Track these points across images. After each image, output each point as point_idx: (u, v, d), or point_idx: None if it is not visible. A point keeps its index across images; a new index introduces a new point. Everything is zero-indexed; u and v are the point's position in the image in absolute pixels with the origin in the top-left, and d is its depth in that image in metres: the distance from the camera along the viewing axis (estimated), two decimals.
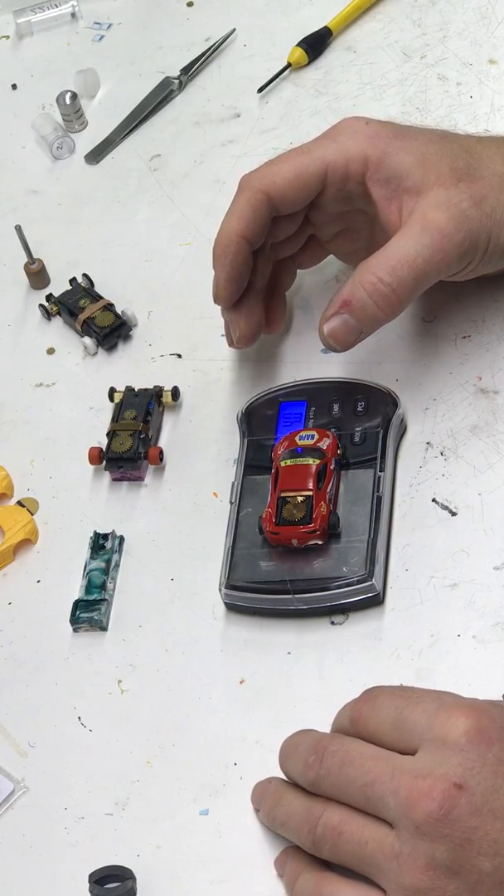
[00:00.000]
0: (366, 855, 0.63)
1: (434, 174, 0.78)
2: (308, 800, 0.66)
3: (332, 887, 0.64)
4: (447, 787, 0.60)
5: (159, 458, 0.84)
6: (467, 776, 0.60)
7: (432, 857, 0.60)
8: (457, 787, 0.60)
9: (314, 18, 1.05)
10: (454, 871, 0.60)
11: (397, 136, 0.80)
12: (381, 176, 0.79)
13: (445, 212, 0.77)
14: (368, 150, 0.79)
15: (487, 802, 0.60)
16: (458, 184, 0.77)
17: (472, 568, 0.76)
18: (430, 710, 0.63)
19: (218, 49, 1.06)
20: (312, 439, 0.79)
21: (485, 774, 0.60)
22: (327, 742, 0.66)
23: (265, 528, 0.77)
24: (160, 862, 0.70)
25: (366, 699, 0.67)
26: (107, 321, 0.91)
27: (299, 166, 0.80)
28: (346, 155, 0.80)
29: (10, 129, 1.07)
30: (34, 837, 0.73)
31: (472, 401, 0.82)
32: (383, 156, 0.79)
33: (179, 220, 0.97)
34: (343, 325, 0.78)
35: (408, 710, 0.64)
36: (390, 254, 0.77)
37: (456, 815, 0.60)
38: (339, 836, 0.64)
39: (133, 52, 1.09)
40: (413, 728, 0.63)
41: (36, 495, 0.86)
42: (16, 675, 0.79)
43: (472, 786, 0.60)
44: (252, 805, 0.71)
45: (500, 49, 1.00)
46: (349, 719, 0.67)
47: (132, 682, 0.77)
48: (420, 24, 1.04)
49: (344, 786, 0.64)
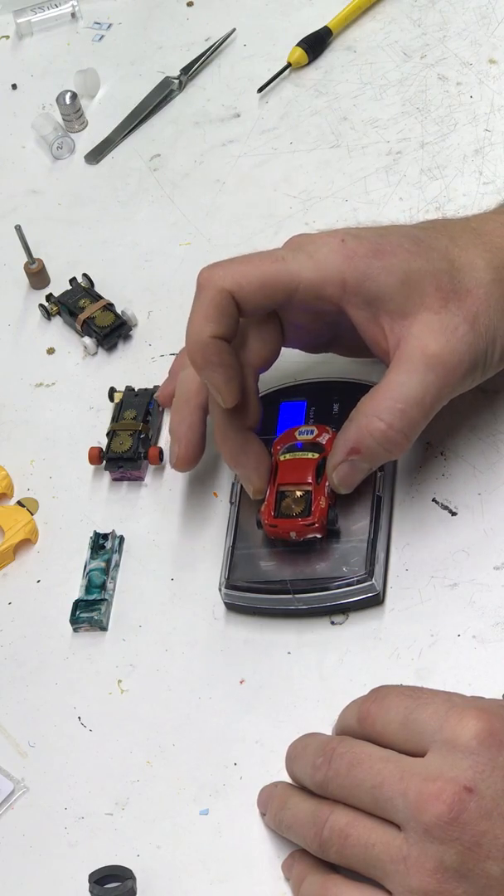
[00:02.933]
0: (373, 857, 0.62)
1: (419, 296, 0.74)
2: (315, 802, 0.66)
3: (338, 889, 0.64)
4: (457, 790, 0.60)
5: (159, 458, 0.84)
6: (477, 779, 0.60)
7: (441, 861, 0.60)
8: (467, 790, 0.60)
9: (314, 18, 1.05)
10: (462, 875, 0.60)
11: (376, 254, 0.74)
12: (360, 299, 0.74)
13: (444, 342, 0.73)
14: (346, 272, 0.74)
15: (497, 806, 0.60)
16: (447, 305, 0.73)
17: (472, 568, 0.76)
18: (441, 712, 0.63)
19: (218, 49, 1.07)
20: (312, 434, 0.79)
21: (495, 778, 0.60)
22: (336, 744, 0.66)
23: (263, 521, 0.77)
24: (160, 862, 0.70)
25: (374, 698, 0.67)
26: (107, 321, 0.91)
27: (269, 275, 0.74)
28: (321, 275, 0.74)
29: (10, 129, 1.07)
30: (34, 837, 0.73)
31: (472, 401, 0.82)
32: (363, 279, 0.74)
33: (179, 220, 0.97)
34: (352, 469, 0.75)
35: (417, 711, 0.64)
36: (396, 395, 0.73)
37: (465, 819, 0.60)
38: (345, 838, 0.63)
39: (133, 52, 1.09)
40: (423, 729, 0.63)
41: (36, 495, 0.86)
42: (16, 675, 0.79)
43: (483, 789, 0.60)
44: (258, 809, 0.71)
45: (500, 49, 1.00)
46: (357, 718, 0.67)
47: (132, 682, 0.77)
48: (420, 24, 1.04)
49: (352, 788, 0.64)
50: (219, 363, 0.74)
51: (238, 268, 0.75)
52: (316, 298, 0.75)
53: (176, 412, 0.80)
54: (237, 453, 0.77)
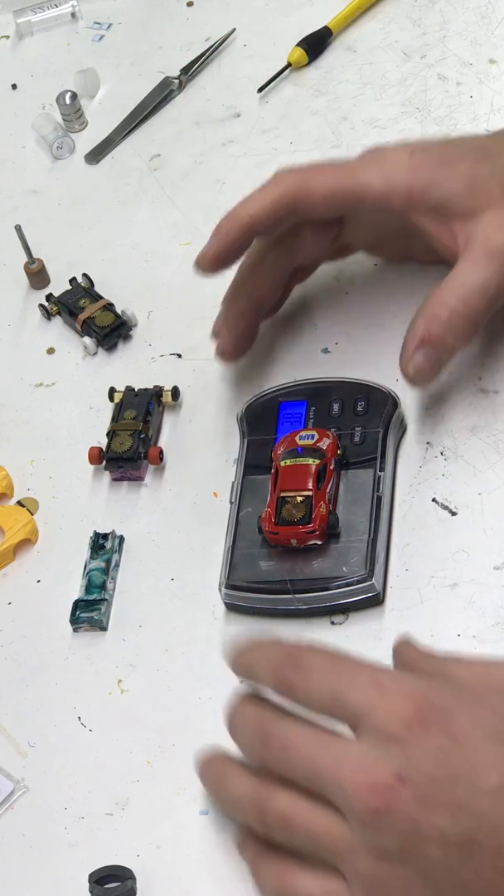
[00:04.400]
0: (320, 845, 0.63)
1: (485, 196, 0.77)
2: (254, 783, 0.66)
3: (295, 878, 0.64)
4: (389, 780, 0.60)
5: (159, 458, 0.84)
6: (409, 768, 0.60)
7: (383, 849, 0.60)
8: (399, 779, 0.60)
9: (314, 18, 1.05)
10: (405, 860, 0.60)
11: (442, 163, 0.79)
12: (426, 207, 0.78)
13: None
14: (412, 182, 0.78)
15: (430, 793, 0.60)
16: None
17: (472, 568, 0.76)
18: (368, 693, 0.62)
19: (218, 49, 1.06)
20: (312, 439, 0.79)
21: (426, 764, 0.60)
22: (268, 725, 0.65)
23: (264, 528, 0.77)
24: (160, 862, 0.70)
25: (290, 664, 0.65)
26: (107, 321, 0.91)
27: (338, 183, 0.79)
28: (388, 185, 0.79)
29: (10, 129, 1.07)
30: (34, 837, 0.73)
31: (472, 401, 0.82)
32: (428, 186, 0.78)
33: (179, 220, 0.97)
34: (426, 360, 0.78)
35: (342, 690, 0.63)
36: (460, 284, 0.77)
37: (400, 808, 0.60)
38: (290, 825, 0.64)
39: (133, 52, 1.09)
40: (350, 711, 0.63)
41: (36, 495, 0.86)
42: (16, 675, 0.79)
43: (414, 777, 0.60)
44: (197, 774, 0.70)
45: (500, 49, 1.00)
46: (272, 680, 0.66)
47: (132, 682, 0.77)
48: (420, 24, 1.04)
49: (289, 771, 0.64)
50: (232, 238, 0.79)
51: (311, 174, 0.80)
52: (381, 209, 0.79)
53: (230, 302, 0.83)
54: (232, 316, 0.83)
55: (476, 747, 0.60)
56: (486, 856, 0.59)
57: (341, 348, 0.87)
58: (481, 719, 0.61)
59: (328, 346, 0.87)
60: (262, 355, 0.88)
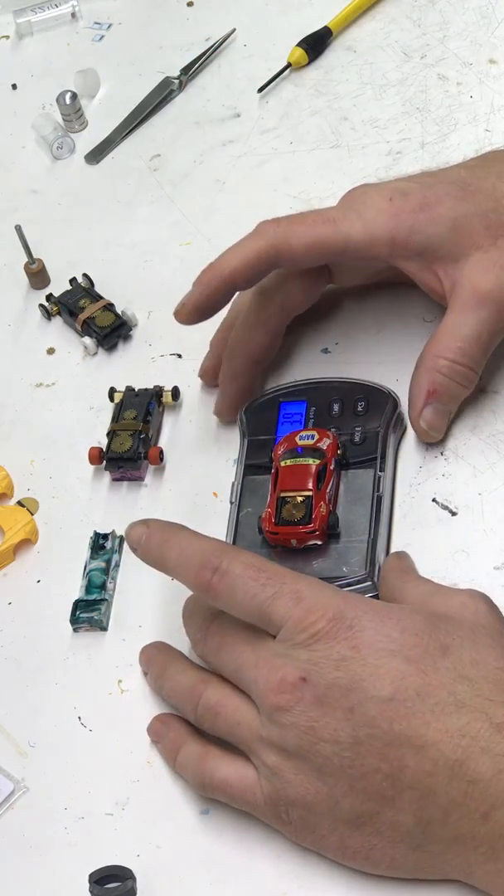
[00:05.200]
0: (237, 735, 0.69)
1: (468, 239, 0.78)
2: (191, 675, 0.72)
3: (214, 763, 0.70)
4: (294, 680, 0.66)
5: (159, 458, 0.84)
6: (311, 670, 0.66)
7: (283, 742, 0.66)
8: (301, 680, 0.66)
9: (314, 18, 1.05)
10: (301, 756, 0.66)
11: (423, 207, 0.79)
12: (410, 252, 0.79)
13: (494, 278, 0.77)
14: (394, 229, 0.78)
15: (327, 695, 0.65)
16: (496, 242, 0.77)
17: (472, 568, 0.76)
18: (288, 605, 0.67)
19: (218, 49, 1.07)
20: (312, 439, 0.79)
21: (328, 668, 0.65)
22: (210, 622, 0.71)
23: (264, 528, 0.77)
24: (160, 862, 0.70)
25: (213, 569, 0.69)
26: (107, 321, 0.91)
27: (319, 236, 0.79)
28: (370, 235, 0.79)
29: (10, 129, 1.07)
30: (34, 837, 0.73)
31: (472, 401, 0.82)
32: (410, 233, 0.78)
33: (179, 220, 0.97)
34: (435, 414, 0.79)
35: (264, 600, 0.68)
36: (453, 334, 0.78)
37: (301, 707, 0.66)
38: (216, 715, 0.70)
39: (133, 52, 1.09)
40: (271, 620, 0.67)
41: (36, 495, 0.86)
42: (16, 675, 0.79)
43: (315, 679, 0.65)
44: (140, 667, 0.76)
45: (500, 49, 1.00)
46: (193, 582, 0.70)
47: (132, 682, 0.77)
48: (420, 24, 1.04)
49: (220, 666, 0.70)
50: (212, 290, 0.80)
51: (292, 227, 0.79)
52: (365, 257, 0.80)
53: (226, 361, 0.84)
54: (228, 376, 0.84)
55: (375, 658, 0.65)
56: (371, 758, 0.64)
57: (341, 348, 0.87)
58: (386, 633, 0.66)
59: (328, 346, 0.87)
60: None
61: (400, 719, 0.64)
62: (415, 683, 0.64)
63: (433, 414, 0.79)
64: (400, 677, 0.64)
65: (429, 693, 0.64)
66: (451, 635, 0.66)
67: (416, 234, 0.78)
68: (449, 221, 0.78)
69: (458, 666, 0.65)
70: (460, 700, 0.64)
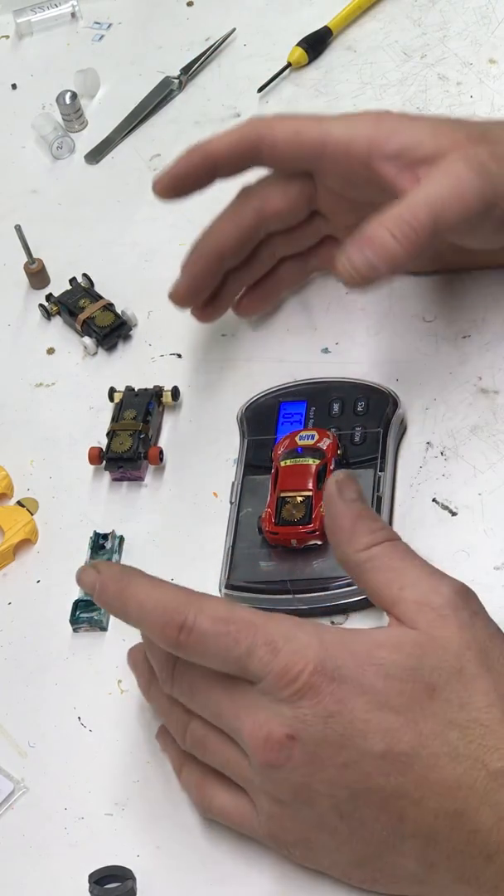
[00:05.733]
0: (230, 772, 0.67)
1: (449, 140, 0.77)
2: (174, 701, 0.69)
3: (213, 791, 0.68)
4: (281, 738, 0.64)
5: (159, 458, 0.84)
6: (299, 728, 0.63)
7: (277, 795, 0.65)
8: (290, 738, 0.63)
9: (314, 18, 1.05)
10: (297, 807, 0.64)
11: (408, 117, 0.80)
12: (388, 152, 0.78)
13: (465, 164, 0.76)
14: (374, 131, 0.79)
15: (318, 752, 0.63)
16: (476, 145, 0.77)
17: (472, 568, 0.76)
18: (263, 658, 0.64)
19: (218, 49, 1.07)
20: (312, 439, 0.79)
21: (316, 726, 0.63)
22: (175, 660, 0.68)
23: (264, 528, 0.77)
24: (160, 862, 0.70)
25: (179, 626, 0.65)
26: (107, 321, 0.91)
27: (302, 127, 0.81)
28: (351, 132, 0.79)
29: (10, 129, 1.07)
30: (34, 837, 0.73)
31: (472, 401, 0.82)
32: (391, 133, 0.79)
33: (179, 220, 0.97)
34: (362, 257, 0.76)
35: (238, 655, 0.64)
36: (409, 196, 0.76)
37: (292, 765, 0.64)
38: (204, 750, 0.68)
39: (133, 52, 1.09)
40: (247, 672, 0.65)
41: (36, 495, 0.86)
42: (16, 675, 0.79)
43: (304, 737, 0.63)
44: None
45: (500, 49, 1.00)
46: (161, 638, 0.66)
47: (132, 682, 0.76)
48: (420, 23, 1.04)
49: (197, 710, 0.68)
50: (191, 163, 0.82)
51: (278, 118, 0.82)
52: (344, 156, 0.80)
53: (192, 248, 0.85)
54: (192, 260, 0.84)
55: (362, 713, 0.63)
56: (370, 809, 0.63)
57: (341, 348, 0.87)
58: (369, 684, 0.63)
59: (328, 346, 0.87)
60: (262, 355, 0.88)
61: (396, 774, 0.62)
62: (406, 737, 0.62)
63: (359, 256, 0.75)
64: (391, 731, 0.62)
65: (422, 745, 0.62)
66: (436, 672, 0.63)
67: (396, 135, 0.78)
68: (430, 128, 0.78)
69: (447, 711, 0.62)
70: (454, 750, 0.62)
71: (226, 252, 0.84)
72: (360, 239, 0.75)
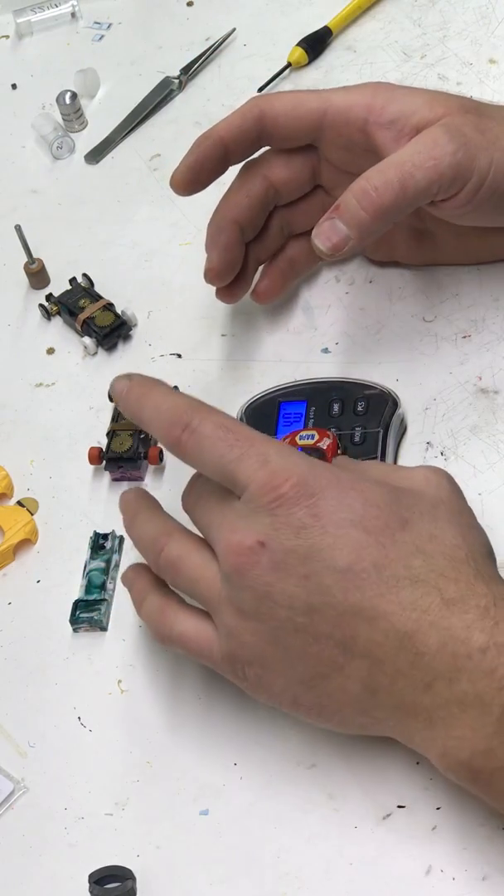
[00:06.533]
0: (197, 592, 0.70)
1: (444, 109, 0.78)
2: (157, 524, 0.72)
3: (174, 616, 0.71)
4: (252, 544, 0.66)
5: (159, 458, 0.84)
6: (271, 535, 0.66)
7: (240, 604, 0.67)
8: (259, 544, 0.66)
9: (314, 18, 1.05)
10: (257, 617, 0.66)
11: (407, 88, 0.82)
12: (384, 119, 0.79)
13: (444, 129, 0.77)
14: (372, 99, 0.80)
15: (284, 560, 0.66)
16: (465, 115, 0.78)
17: None
18: (254, 467, 0.67)
19: (218, 49, 1.07)
20: (312, 439, 0.79)
21: (287, 535, 0.66)
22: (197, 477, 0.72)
23: None
24: (160, 862, 0.70)
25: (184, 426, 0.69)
26: (107, 321, 0.91)
27: (301, 98, 0.82)
28: (348, 101, 0.81)
29: (10, 129, 1.07)
30: (34, 837, 0.73)
31: (472, 401, 0.82)
32: (388, 101, 0.80)
33: (179, 220, 0.97)
34: (331, 227, 0.78)
35: (231, 460, 0.67)
36: (382, 161, 0.78)
37: (258, 570, 0.66)
38: (177, 571, 0.70)
39: (133, 52, 1.09)
40: (236, 481, 0.68)
41: (36, 495, 0.86)
42: (16, 675, 0.79)
43: (274, 545, 0.66)
44: None
45: (500, 49, 1.00)
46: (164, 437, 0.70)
47: (132, 682, 0.77)
48: (420, 23, 1.04)
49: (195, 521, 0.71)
50: (202, 151, 0.82)
51: (279, 94, 0.84)
52: (343, 124, 0.81)
53: (210, 224, 0.85)
54: (212, 233, 0.84)
55: (335, 528, 0.65)
56: (325, 625, 0.65)
57: (341, 348, 0.87)
58: (348, 504, 0.66)
59: (328, 346, 0.87)
60: (262, 355, 0.88)
61: (354, 590, 0.65)
62: (372, 555, 0.65)
63: (329, 226, 0.77)
64: (358, 548, 0.65)
65: (385, 566, 0.65)
66: (412, 509, 0.67)
67: (393, 103, 0.80)
68: (427, 95, 0.80)
69: (416, 540, 0.66)
70: (415, 574, 0.64)
71: (242, 221, 0.84)
72: (331, 210, 0.78)
